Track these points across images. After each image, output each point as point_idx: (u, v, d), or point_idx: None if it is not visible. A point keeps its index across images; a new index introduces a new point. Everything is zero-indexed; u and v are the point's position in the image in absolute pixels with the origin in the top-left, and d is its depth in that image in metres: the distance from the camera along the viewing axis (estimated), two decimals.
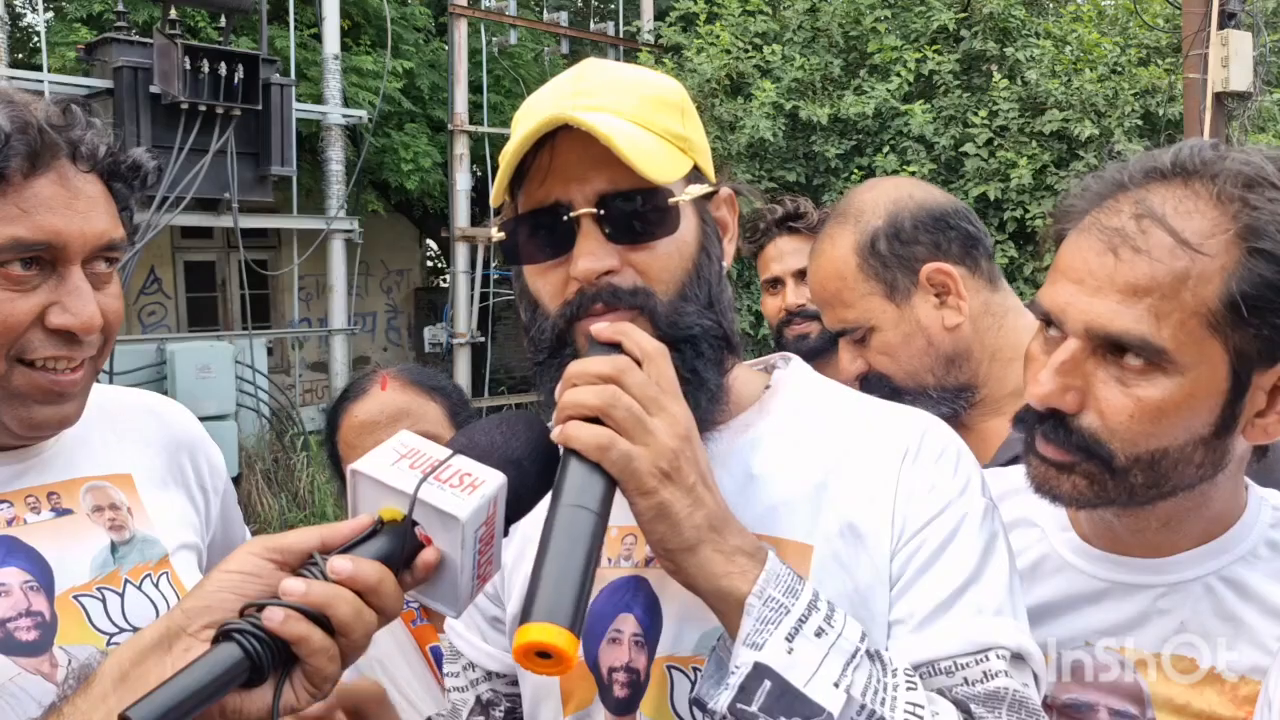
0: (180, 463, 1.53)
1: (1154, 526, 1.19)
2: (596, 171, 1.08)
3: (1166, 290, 1.06)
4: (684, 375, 1.07)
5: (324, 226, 11.16)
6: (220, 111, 9.23)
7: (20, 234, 1.19)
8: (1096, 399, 1.11)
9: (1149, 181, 1.12)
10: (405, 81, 12.32)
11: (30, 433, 1.30)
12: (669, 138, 1.13)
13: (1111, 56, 9.33)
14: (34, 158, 1.20)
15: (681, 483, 0.98)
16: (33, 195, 1.20)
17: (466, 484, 0.94)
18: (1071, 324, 1.12)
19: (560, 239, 1.10)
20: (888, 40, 9.66)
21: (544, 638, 0.86)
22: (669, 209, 1.11)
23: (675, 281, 1.11)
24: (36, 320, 1.23)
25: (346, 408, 1.87)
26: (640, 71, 1.19)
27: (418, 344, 14.25)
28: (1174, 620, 1.18)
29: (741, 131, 9.38)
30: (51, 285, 1.24)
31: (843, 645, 0.99)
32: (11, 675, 1.21)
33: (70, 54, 9.99)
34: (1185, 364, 1.07)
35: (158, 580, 1.39)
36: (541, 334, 1.12)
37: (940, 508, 1.10)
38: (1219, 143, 1.15)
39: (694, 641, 1.11)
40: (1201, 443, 1.11)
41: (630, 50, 12.63)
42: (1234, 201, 1.06)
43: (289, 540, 0.93)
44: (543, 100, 1.15)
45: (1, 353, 1.22)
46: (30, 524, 1.31)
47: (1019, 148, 8.91)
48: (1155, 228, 1.08)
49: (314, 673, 0.89)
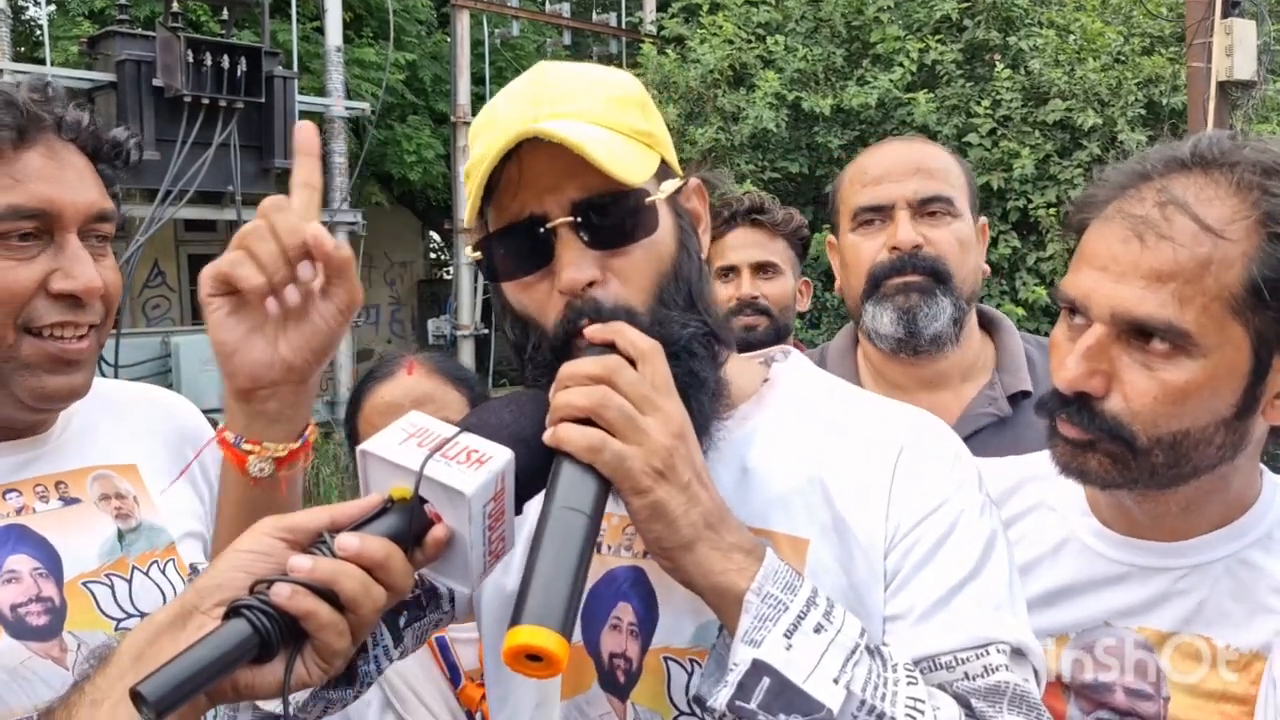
0: (185, 454, 1.55)
1: (1173, 511, 1.21)
2: (568, 180, 1.06)
3: (1190, 275, 1.09)
4: (683, 381, 1.06)
5: (327, 219, 11.15)
6: (223, 105, 9.24)
7: (16, 201, 1.24)
8: (1122, 382, 1.14)
9: (1170, 171, 1.15)
10: (408, 74, 12.33)
11: (42, 404, 1.32)
12: (635, 136, 1.12)
13: (1115, 46, 9.30)
14: (22, 131, 1.25)
15: (676, 481, 0.98)
16: (23, 166, 1.26)
17: (473, 460, 0.94)
18: (1097, 310, 1.14)
19: (539, 252, 1.08)
20: (890, 30, 9.63)
21: (535, 640, 0.86)
22: (645, 209, 1.09)
23: (655, 287, 1.10)
24: (40, 288, 1.27)
25: (372, 388, 1.89)
26: (596, 70, 1.17)
27: (421, 336, 14.28)
28: (1191, 601, 1.21)
29: (744, 122, 9.37)
30: (50, 254, 1.28)
31: (842, 641, 0.98)
32: (23, 659, 1.24)
33: (73, 49, 10.01)
34: (1208, 347, 1.10)
35: (164, 567, 1.41)
36: (539, 353, 1.11)
37: (936, 504, 1.10)
38: (1236, 134, 1.17)
39: (691, 633, 1.11)
40: (1223, 424, 1.13)
41: (632, 42, 12.61)
42: (1254, 189, 1.10)
43: (299, 519, 0.94)
44: (502, 110, 1.13)
45: (10, 322, 1.26)
46: (39, 513, 1.33)
47: (1022, 137, 8.89)
48: (1179, 214, 1.10)
49: (323, 648, 0.90)
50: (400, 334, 15.23)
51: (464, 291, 11.90)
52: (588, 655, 1.15)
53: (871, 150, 2.00)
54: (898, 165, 1.88)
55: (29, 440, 1.37)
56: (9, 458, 1.34)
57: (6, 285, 1.24)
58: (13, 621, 1.25)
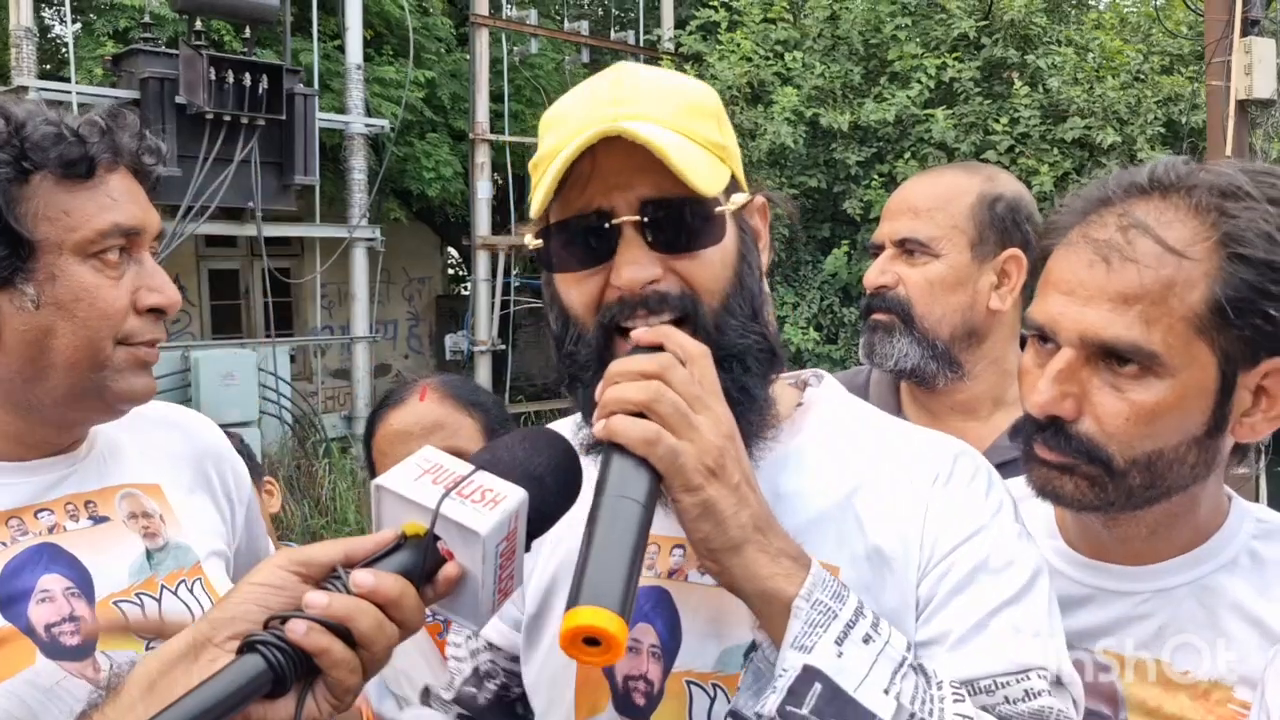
0: (206, 473, 1.56)
1: (1142, 534, 1.23)
2: (639, 178, 1.06)
3: (1155, 296, 1.11)
4: (733, 393, 1.05)
5: (346, 235, 11.23)
6: (245, 121, 9.34)
7: (120, 219, 1.31)
8: (1093, 405, 1.15)
9: (1130, 196, 1.17)
10: (427, 91, 12.40)
11: (127, 404, 1.37)
12: (709, 146, 1.11)
13: (1134, 64, 9.29)
14: (115, 154, 1.33)
15: (727, 481, 0.97)
16: (116, 188, 1.33)
17: (488, 499, 0.95)
18: (1065, 334, 1.16)
19: (600, 247, 1.08)
20: (908, 48, 9.64)
21: (594, 621, 0.85)
22: (714, 218, 1.09)
23: (720, 292, 1.09)
24: (131, 304, 1.33)
25: (384, 415, 1.89)
26: (676, 77, 1.17)
27: (439, 351, 14.31)
28: (1153, 625, 1.21)
29: (762, 138, 9.38)
30: (134, 272, 1.34)
31: (890, 653, 0.97)
32: (58, 679, 1.25)
33: (98, 71, 10.11)
34: (1176, 367, 1.11)
35: (192, 586, 1.42)
36: (577, 345, 1.11)
37: (972, 530, 1.09)
38: (1190, 159, 1.20)
39: (714, 658, 1.10)
40: (1195, 443, 1.15)
41: (651, 59, 12.66)
42: (1211, 210, 1.12)
43: (313, 553, 0.95)
44: (579, 106, 1.12)
45: (110, 336, 1.31)
46: (70, 531, 1.35)
47: (1040, 155, 8.87)
48: (1142, 237, 1.13)
49: (336, 684, 0.90)
50: (418, 349, 15.27)
51: (481, 308, 11.93)
52: (603, 677, 1.15)
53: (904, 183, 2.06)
54: (898, 202, 1.95)
55: (59, 459, 1.38)
56: (41, 476, 1.36)
57: (110, 302, 1.30)
58: (48, 642, 1.26)
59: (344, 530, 9.25)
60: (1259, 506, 1.29)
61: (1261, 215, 1.11)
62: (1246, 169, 1.15)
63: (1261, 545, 1.23)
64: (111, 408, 1.36)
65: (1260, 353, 1.12)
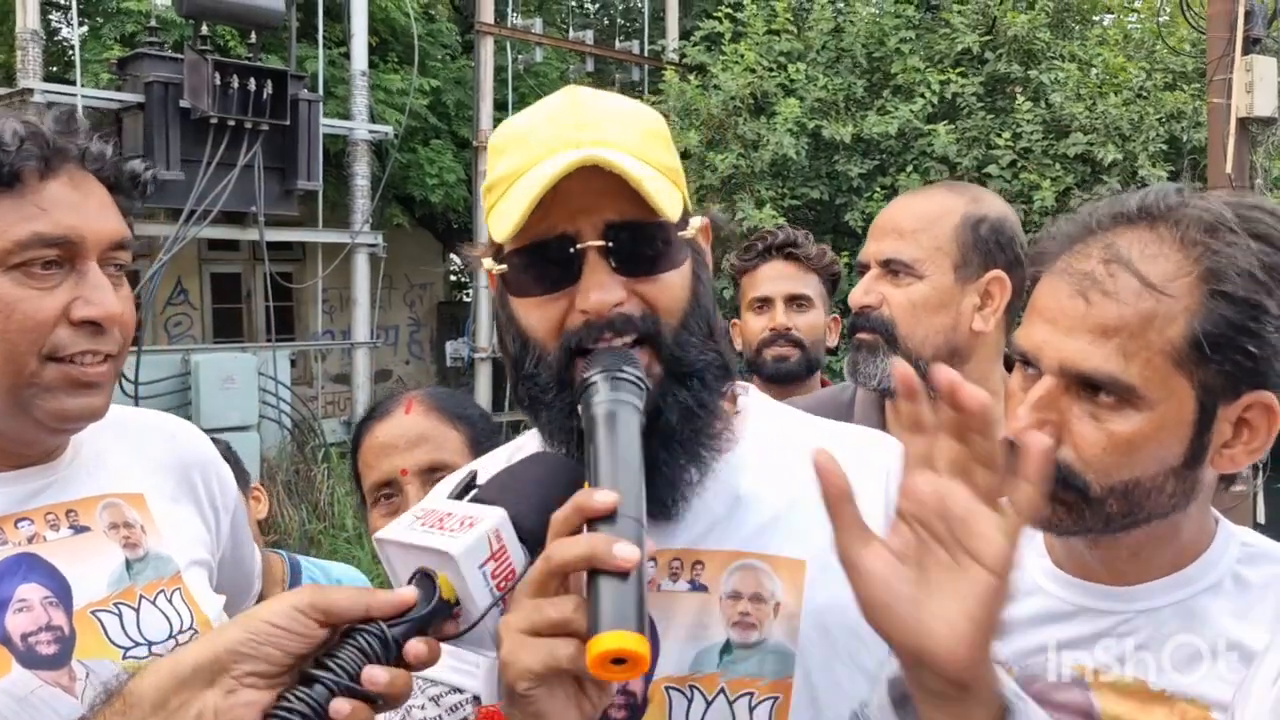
0: (192, 481, 1.56)
1: (1124, 556, 1.23)
2: (603, 202, 1.07)
3: (1134, 330, 1.12)
4: (694, 409, 1.10)
5: (348, 240, 11.25)
6: (249, 126, 9.35)
7: (41, 229, 1.26)
8: (1071, 433, 1.16)
9: (1116, 226, 1.18)
10: (431, 98, 12.44)
11: (61, 425, 1.34)
12: (665, 171, 1.14)
13: (1137, 81, 9.30)
14: (47, 160, 1.28)
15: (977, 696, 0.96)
16: (49, 196, 1.28)
17: (465, 525, 0.98)
18: (1046, 362, 1.17)
19: (564, 271, 1.09)
20: (911, 61, 9.66)
21: (621, 644, 0.87)
22: (675, 242, 1.12)
23: (680, 312, 1.12)
24: (62, 316, 1.28)
25: (369, 427, 1.88)
26: (629, 103, 1.19)
27: (439, 358, 14.33)
28: (1131, 642, 1.22)
29: (765, 149, 9.40)
30: (72, 283, 1.30)
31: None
32: (33, 688, 1.25)
33: (104, 75, 10.15)
34: (1153, 399, 1.12)
35: (171, 596, 1.42)
36: (538, 368, 1.12)
37: None
38: (1183, 188, 1.20)
39: (690, 660, 1.12)
40: (1173, 473, 1.15)
41: (655, 69, 12.69)
42: (1196, 245, 1.13)
43: (337, 601, 0.94)
44: (539, 128, 1.13)
45: (33, 350, 1.27)
46: (50, 541, 1.35)
47: (1042, 170, 8.88)
48: (1123, 272, 1.13)
49: None
50: (419, 355, 15.28)
51: (483, 314, 11.94)
52: None
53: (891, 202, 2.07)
54: (883, 222, 1.97)
55: (40, 468, 1.38)
56: (21, 485, 1.36)
57: (30, 315, 1.26)
58: (23, 651, 1.26)
59: (341, 535, 9.24)
60: (1245, 530, 1.29)
61: (1244, 251, 1.11)
62: (1234, 202, 1.16)
63: (1246, 569, 1.24)
64: (48, 427, 1.33)
65: (1241, 386, 1.13)
